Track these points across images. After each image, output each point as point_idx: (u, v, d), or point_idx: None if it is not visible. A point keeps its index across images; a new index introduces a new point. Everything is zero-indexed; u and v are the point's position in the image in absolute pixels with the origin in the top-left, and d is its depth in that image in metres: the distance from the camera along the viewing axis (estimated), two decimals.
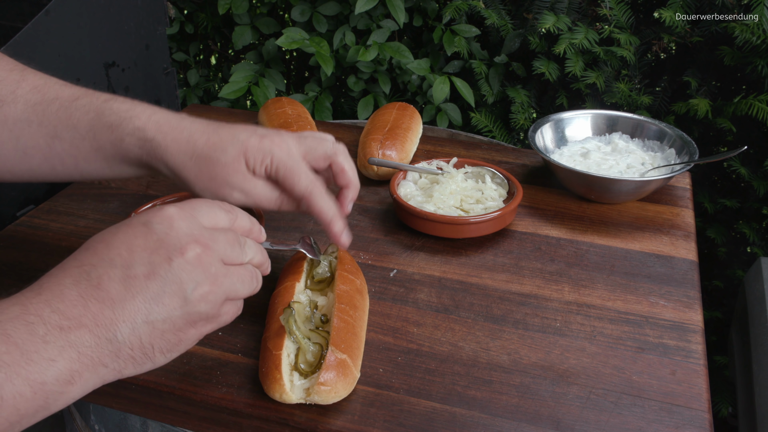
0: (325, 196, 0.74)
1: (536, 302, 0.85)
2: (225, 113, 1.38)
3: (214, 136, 0.72)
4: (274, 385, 0.67)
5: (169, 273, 0.55)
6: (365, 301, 0.80)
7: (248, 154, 0.71)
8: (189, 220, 0.58)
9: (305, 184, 0.72)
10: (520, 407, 0.69)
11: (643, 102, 1.46)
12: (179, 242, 0.56)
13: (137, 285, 0.54)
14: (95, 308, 0.52)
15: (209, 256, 0.57)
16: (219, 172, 0.71)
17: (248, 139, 0.71)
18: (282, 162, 0.71)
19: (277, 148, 0.72)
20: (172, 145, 0.71)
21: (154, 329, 0.55)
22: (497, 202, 0.99)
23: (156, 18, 1.44)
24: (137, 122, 0.71)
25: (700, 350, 0.77)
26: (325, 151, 0.75)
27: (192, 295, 0.56)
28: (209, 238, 0.58)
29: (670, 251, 0.95)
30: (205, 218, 0.60)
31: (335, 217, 0.75)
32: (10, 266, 0.91)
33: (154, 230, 0.56)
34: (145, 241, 0.56)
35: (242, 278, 0.61)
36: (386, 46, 1.67)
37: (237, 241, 0.61)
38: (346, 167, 0.77)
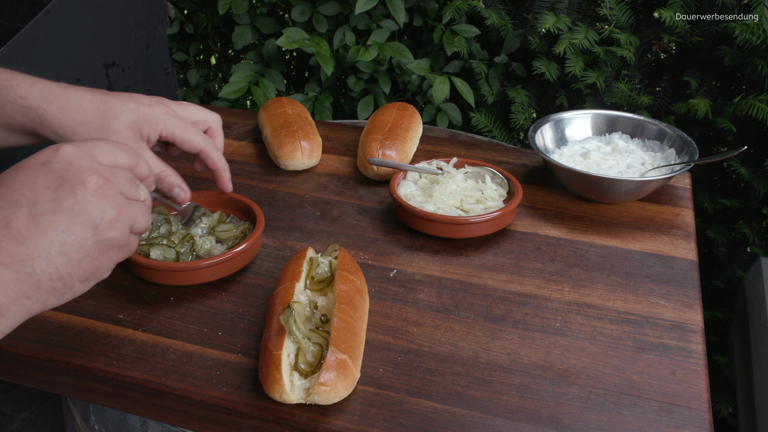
0: (217, 150, 0.85)
1: (536, 302, 0.85)
2: (225, 113, 1.38)
3: (104, 105, 0.76)
4: (274, 385, 0.67)
5: (76, 205, 0.57)
6: (365, 301, 0.80)
7: (141, 122, 0.76)
8: (88, 157, 0.59)
9: (201, 139, 0.82)
10: (520, 407, 0.69)
11: (643, 102, 1.46)
12: (80, 176, 0.58)
13: (46, 220, 0.56)
14: (9, 246, 0.54)
15: (110, 188, 0.59)
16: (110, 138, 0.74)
17: (137, 108, 0.77)
18: (176, 125, 0.80)
19: (166, 115, 0.79)
20: (58, 112, 0.74)
21: (70, 259, 0.57)
22: (497, 202, 0.99)
23: (156, 18, 1.44)
24: (18, 90, 0.74)
25: (700, 350, 0.77)
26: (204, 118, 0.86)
27: (101, 223, 0.58)
28: (109, 173, 0.60)
29: (670, 251, 0.95)
30: (104, 156, 0.61)
31: (226, 169, 0.87)
32: None
33: (54, 168, 0.57)
34: (47, 179, 0.57)
35: (142, 211, 0.64)
36: (386, 46, 1.67)
37: (133, 180, 0.64)
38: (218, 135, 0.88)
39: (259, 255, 0.93)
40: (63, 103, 0.75)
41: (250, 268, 0.91)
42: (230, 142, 1.26)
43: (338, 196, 1.08)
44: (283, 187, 1.11)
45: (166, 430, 0.77)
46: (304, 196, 1.08)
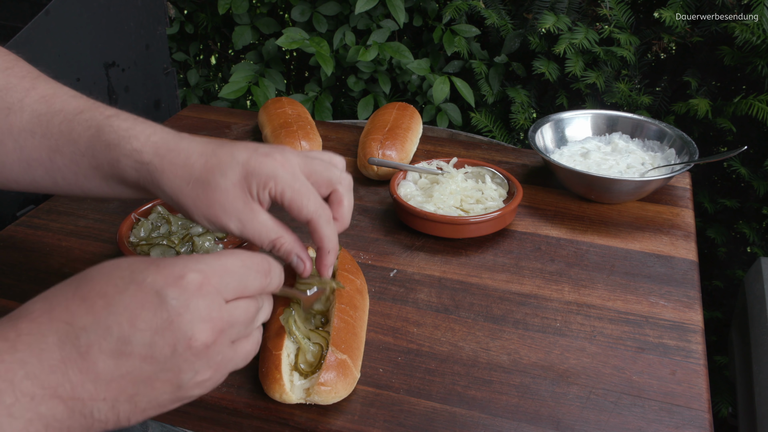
0: (331, 223, 0.67)
1: (536, 302, 0.85)
2: (225, 113, 1.38)
3: (213, 158, 0.65)
4: (274, 385, 0.67)
5: (169, 361, 0.48)
6: (365, 301, 0.80)
7: (250, 178, 0.64)
8: (211, 296, 0.50)
9: (314, 207, 0.65)
10: (520, 407, 0.69)
11: (643, 102, 1.46)
12: (191, 329, 0.49)
13: (129, 364, 0.48)
14: (76, 379, 0.46)
15: (219, 344, 0.51)
16: (218, 198, 0.64)
17: (248, 161, 0.64)
18: (288, 184, 0.64)
19: (281, 169, 0.64)
20: (168, 168, 0.65)
21: (136, 407, 0.49)
22: (497, 202, 0.99)
23: (156, 18, 1.44)
24: (135, 143, 0.66)
25: (700, 350, 0.77)
26: (330, 178, 0.68)
27: (188, 384, 0.50)
28: (227, 321, 0.51)
29: (670, 251, 0.95)
30: (232, 288, 0.52)
31: (332, 251, 0.69)
32: (10, 266, 0.91)
33: (167, 306, 0.48)
34: (153, 316, 0.48)
35: (246, 355, 0.55)
36: (386, 46, 1.67)
37: (255, 311, 0.54)
38: (345, 202, 0.69)
39: None
40: (173, 158, 0.65)
41: None
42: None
43: None
44: None
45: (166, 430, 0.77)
46: None
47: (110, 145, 0.67)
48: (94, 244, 0.95)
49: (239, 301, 0.53)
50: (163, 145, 0.66)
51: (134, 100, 1.42)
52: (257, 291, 0.54)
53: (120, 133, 0.67)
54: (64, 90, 0.72)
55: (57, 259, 0.92)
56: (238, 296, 0.53)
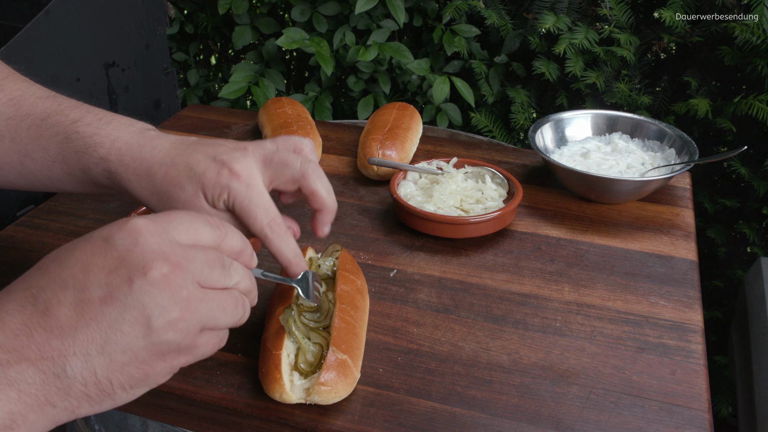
0: (282, 237, 0.66)
1: (536, 302, 0.85)
2: (225, 113, 1.38)
3: (172, 170, 0.65)
4: (274, 384, 0.67)
5: (129, 297, 0.47)
6: (366, 302, 0.80)
7: (206, 190, 0.64)
8: (160, 234, 0.50)
9: (260, 226, 0.65)
10: (520, 407, 0.69)
11: (643, 102, 1.46)
12: (143, 260, 0.48)
13: (91, 311, 0.47)
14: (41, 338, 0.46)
15: (180, 276, 0.49)
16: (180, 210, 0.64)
17: (205, 172, 0.64)
18: (238, 198, 0.64)
19: (236, 181, 0.64)
20: (133, 179, 0.66)
21: (112, 362, 0.47)
22: (497, 202, 0.99)
23: (156, 18, 1.44)
24: (101, 151, 0.67)
25: (700, 350, 0.77)
26: (291, 175, 0.68)
27: (157, 322, 0.48)
28: (182, 256, 0.50)
29: (670, 251, 0.95)
30: (183, 233, 0.52)
31: (291, 264, 0.67)
32: (10, 266, 0.91)
33: (116, 246, 0.48)
34: (104, 258, 0.48)
35: (223, 304, 0.52)
36: (386, 46, 1.67)
37: (220, 261, 0.53)
38: (317, 189, 0.69)
39: (259, 255, 0.93)
40: (137, 168, 0.66)
41: None
42: None
43: (338, 196, 1.08)
44: None
45: (166, 430, 0.77)
46: None
47: (79, 153, 0.67)
48: None
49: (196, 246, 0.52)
50: (127, 152, 0.67)
51: (134, 100, 1.42)
52: (210, 241, 0.54)
53: (86, 141, 0.67)
54: (33, 90, 0.72)
55: None
56: (193, 243, 0.52)
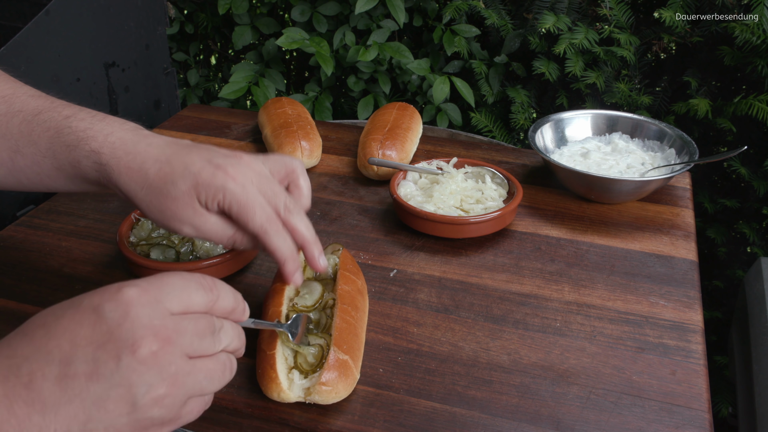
0: (280, 233, 0.67)
1: (536, 302, 0.85)
2: (225, 113, 1.38)
3: (166, 167, 0.66)
4: (271, 384, 0.67)
5: (116, 374, 0.46)
6: (365, 303, 0.80)
7: (199, 189, 0.65)
8: (151, 305, 0.49)
9: (259, 222, 0.66)
10: (520, 407, 0.69)
11: (643, 102, 1.46)
12: (132, 336, 0.47)
13: (76, 386, 0.45)
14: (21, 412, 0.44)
15: (169, 353, 0.48)
16: (169, 206, 0.66)
17: (200, 172, 0.65)
18: (235, 198, 0.65)
19: (231, 182, 0.65)
20: (124, 172, 0.66)
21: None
22: (497, 202, 0.99)
23: (156, 18, 1.44)
24: (93, 144, 0.67)
25: (700, 350, 0.77)
26: (276, 205, 0.68)
27: (143, 400, 0.47)
28: (173, 330, 0.49)
29: (670, 251, 0.95)
30: (175, 301, 0.50)
31: (288, 259, 0.68)
32: (10, 266, 0.91)
33: (105, 318, 0.47)
34: (93, 331, 0.47)
35: (210, 374, 0.52)
36: (386, 46, 1.67)
37: (210, 328, 0.52)
38: (299, 227, 0.70)
39: (259, 255, 0.93)
40: (129, 161, 0.66)
41: (250, 268, 0.91)
42: (230, 143, 1.26)
43: (338, 196, 1.08)
44: None
45: None
46: None
47: (70, 147, 0.68)
48: (94, 244, 0.95)
49: (187, 314, 0.51)
50: (120, 146, 0.67)
51: (134, 100, 1.42)
52: (203, 306, 0.53)
53: (78, 134, 0.68)
54: (24, 89, 0.73)
55: (57, 259, 0.92)
56: (184, 310, 0.51)
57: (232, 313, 0.56)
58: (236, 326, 0.57)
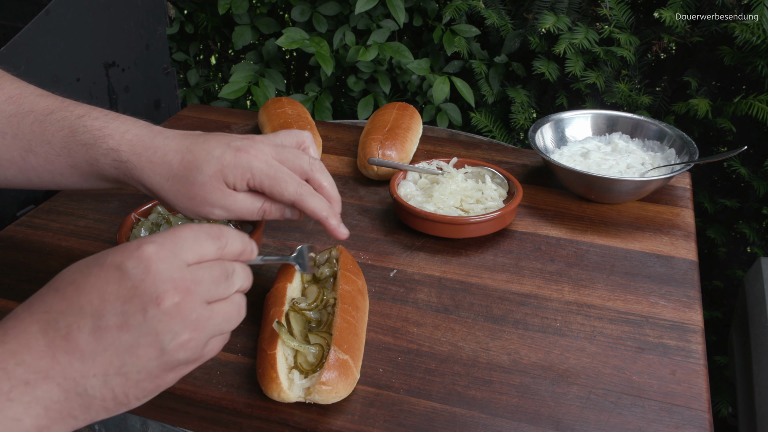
0: (315, 195, 0.72)
1: (536, 302, 0.85)
2: (225, 113, 1.38)
3: (189, 155, 0.69)
4: (271, 384, 0.67)
5: (144, 325, 0.50)
6: (366, 303, 0.80)
7: (226, 171, 0.69)
8: (169, 260, 0.52)
9: (294, 189, 0.70)
10: (520, 407, 0.69)
11: (643, 102, 1.46)
12: (155, 290, 0.51)
13: (109, 337, 0.50)
14: (64, 360, 0.49)
15: (190, 302, 0.52)
16: (197, 192, 0.69)
17: (223, 155, 0.69)
18: (264, 173, 0.70)
19: (255, 161, 0.69)
20: (147, 166, 0.69)
21: (128, 380, 0.51)
22: (497, 202, 0.99)
23: (156, 18, 1.44)
24: (111, 142, 0.70)
25: (700, 350, 0.77)
26: (301, 166, 0.73)
27: (170, 346, 0.51)
28: (191, 281, 0.53)
29: (670, 251, 0.95)
30: (189, 252, 0.54)
31: (330, 215, 0.73)
32: (10, 266, 0.91)
33: (129, 275, 0.51)
34: (119, 287, 0.51)
35: (228, 315, 0.56)
36: (386, 46, 1.67)
37: (224, 274, 0.56)
38: (324, 183, 0.74)
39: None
40: (150, 155, 0.69)
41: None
42: None
43: None
44: None
45: (166, 430, 0.77)
46: None
47: (86, 145, 0.70)
48: (94, 244, 0.95)
49: (201, 264, 0.55)
50: (138, 142, 0.70)
51: (134, 100, 1.42)
52: (214, 253, 0.56)
53: (94, 133, 0.70)
54: (31, 89, 0.74)
55: (57, 259, 0.92)
56: (199, 260, 0.55)
57: (241, 255, 0.60)
58: (245, 267, 0.60)
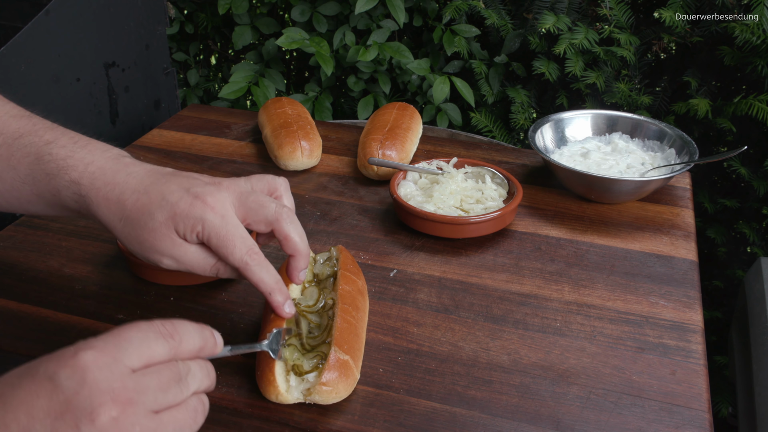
0: (263, 265, 0.66)
1: (536, 302, 0.85)
2: (225, 113, 1.38)
3: (144, 197, 0.65)
4: (269, 386, 0.67)
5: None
6: (366, 303, 0.80)
7: (177, 220, 0.64)
8: (109, 367, 0.47)
9: (239, 255, 0.64)
10: (520, 407, 0.69)
11: (643, 102, 1.46)
12: (90, 403, 0.45)
13: None
14: None
15: (131, 415, 0.46)
16: (147, 238, 0.65)
17: (178, 202, 0.64)
18: (214, 230, 0.64)
19: (210, 213, 0.64)
20: (102, 203, 0.66)
21: None
22: (497, 202, 0.99)
23: (156, 18, 1.44)
24: (73, 174, 0.66)
25: (700, 350, 0.77)
26: (266, 217, 0.67)
27: None
28: (134, 390, 0.47)
29: (670, 251, 0.95)
30: (135, 356, 0.49)
31: (275, 290, 0.67)
32: (10, 266, 0.91)
33: (62, 387, 0.45)
34: (50, 402, 0.45)
35: (180, 424, 0.50)
36: (386, 46, 1.67)
37: (176, 377, 0.51)
38: (290, 235, 0.68)
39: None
40: (108, 192, 0.66)
41: None
42: (230, 142, 1.26)
43: (338, 196, 1.08)
44: None
45: None
46: (304, 196, 1.08)
47: (50, 175, 0.67)
48: (94, 244, 0.95)
49: (149, 368, 0.50)
50: (100, 176, 0.66)
51: (134, 100, 1.42)
52: (165, 355, 0.51)
53: (59, 163, 0.67)
54: (7, 108, 0.71)
55: (57, 259, 0.92)
56: (146, 363, 0.50)
57: (201, 352, 0.55)
58: (204, 364, 0.55)
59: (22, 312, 0.82)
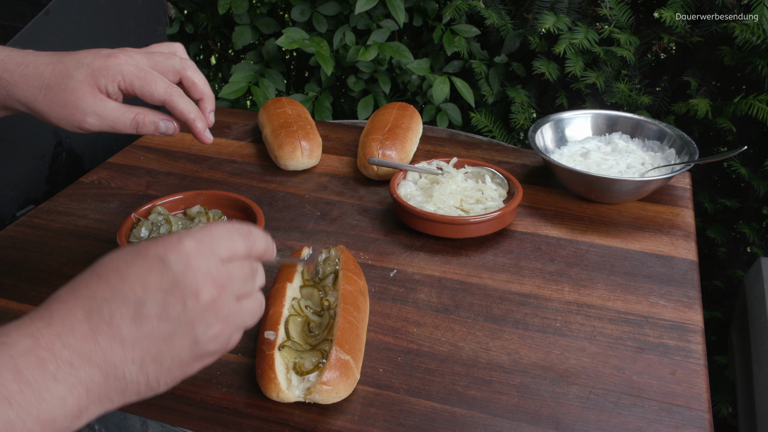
0: (184, 97, 0.75)
1: (536, 302, 0.85)
2: (225, 113, 1.38)
3: (59, 65, 0.72)
4: (270, 384, 0.67)
5: (182, 316, 0.53)
6: (366, 303, 0.80)
7: (96, 75, 0.71)
8: (207, 256, 0.55)
9: (163, 89, 0.73)
10: (520, 407, 0.69)
11: (643, 102, 1.46)
12: (195, 284, 0.54)
13: (149, 325, 0.53)
14: (105, 345, 0.51)
15: (224, 297, 0.56)
16: (69, 98, 0.71)
17: (93, 61, 0.72)
18: (134, 75, 0.72)
19: (125, 64, 0.72)
20: (19, 80, 0.72)
21: (162, 367, 0.54)
22: (497, 202, 0.99)
23: (156, 18, 1.44)
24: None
25: (700, 350, 0.77)
26: (173, 66, 0.76)
27: (203, 337, 0.55)
28: (226, 277, 0.56)
29: (670, 251, 0.95)
30: (224, 249, 0.57)
31: (197, 117, 0.76)
32: (10, 266, 0.91)
33: (171, 268, 0.54)
34: (161, 279, 0.53)
35: (252, 311, 0.59)
36: (386, 46, 1.67)
37: (252, 273, 0.60)
38: (196, 80, 0.77)
39: None
40: (23, 70, 0.73)
41: None
42: (230, 142, 1.26)
43: (338, 196, 1.08)
44: (283, 187, 1.11)
45: (166, 430, 0.77)
46: (304, 196, 1.08)
47: None
48: (94, 244, 0.95)
49: (233, 261, 0.58)
50: (9, 60, 0.73)
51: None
52: (245, 251, 0.59)
53: None
54: None
55: (57, 259, 0.92)
56: (231, 256, 0.57)
57: (264, 255, 0.62)
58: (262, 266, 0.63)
59: (22, 312, 0.82)
